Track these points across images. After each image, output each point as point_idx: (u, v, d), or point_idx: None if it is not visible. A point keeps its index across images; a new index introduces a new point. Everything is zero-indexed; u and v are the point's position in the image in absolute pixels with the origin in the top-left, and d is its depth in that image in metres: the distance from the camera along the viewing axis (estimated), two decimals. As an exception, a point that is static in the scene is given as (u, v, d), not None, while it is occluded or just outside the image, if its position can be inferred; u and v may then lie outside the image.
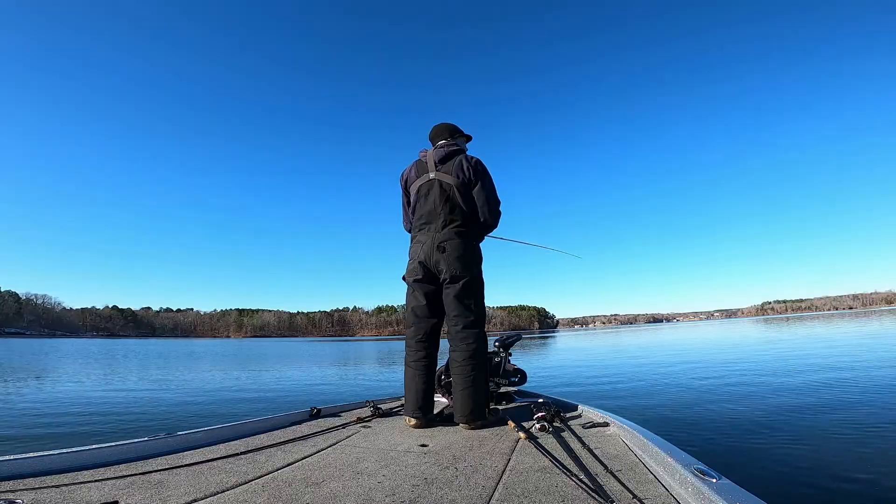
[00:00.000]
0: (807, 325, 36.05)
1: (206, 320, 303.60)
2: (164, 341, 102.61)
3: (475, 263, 2.68)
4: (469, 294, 2.61)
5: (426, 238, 2.69)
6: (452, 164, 2.69)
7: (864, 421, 4.46)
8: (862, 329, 23.67)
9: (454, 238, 2.62)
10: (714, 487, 1.27)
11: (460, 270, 2.58)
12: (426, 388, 2.65)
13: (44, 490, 1.51)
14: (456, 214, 2.65)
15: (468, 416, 2.49)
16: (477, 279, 2.67)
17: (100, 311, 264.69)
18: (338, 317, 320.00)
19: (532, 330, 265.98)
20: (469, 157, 2.73)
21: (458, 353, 2.58)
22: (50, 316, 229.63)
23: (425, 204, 2.73)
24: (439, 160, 2.74)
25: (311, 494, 1.53)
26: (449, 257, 2.59)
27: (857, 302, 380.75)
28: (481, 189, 2.66)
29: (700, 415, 5.26)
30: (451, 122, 2.97)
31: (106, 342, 78.11)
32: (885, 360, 9.34)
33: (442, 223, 2.65)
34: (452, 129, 2.93)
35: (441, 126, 2.95)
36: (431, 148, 2.89)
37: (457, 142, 2.86)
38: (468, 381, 2.51)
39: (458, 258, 2.59)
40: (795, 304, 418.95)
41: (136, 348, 41.93)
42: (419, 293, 2.73)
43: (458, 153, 2.76)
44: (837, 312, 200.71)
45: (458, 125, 2.97)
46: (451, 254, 2.59)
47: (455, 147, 2.79)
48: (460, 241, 2.61)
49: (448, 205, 2.65)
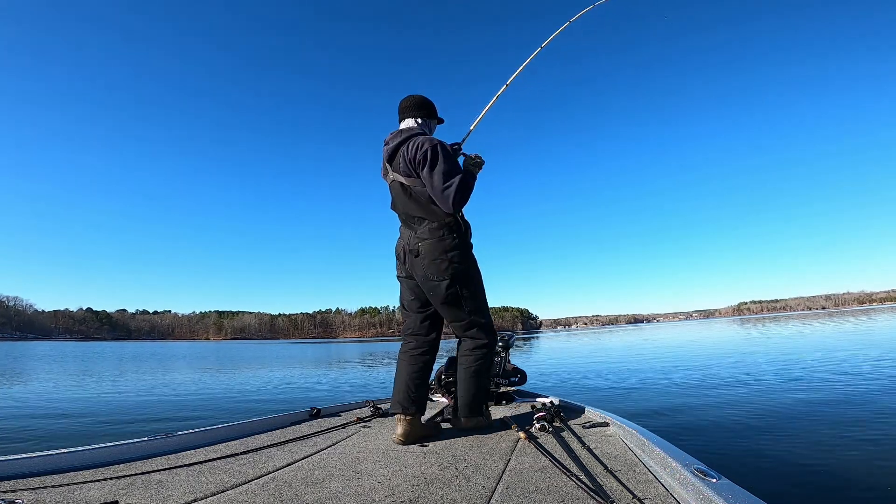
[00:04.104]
0: (786, 325, 36.86)
1: (184, 322, 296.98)
2: (141, 344, 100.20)
3: (455, 260, 2.38)
4: (455, 299, 2.40)
5: (406, 233, 2.52)
6: (400, 161, 2.43)
7: (864, 420, 4.53)
8: (840, 328, 24.33)
9: (427, 238, 2.39)
10: (714, 487, 1.28)
11: (437, 276, 2.36)
12: (412, 378, 2.46)
13: (44, 490, 1.50)
14: (426, 211, 2.41)
15: (464, 409, 2.49)
16: (459, 277, 2.38)
17: (73, 314, 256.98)
18: (320, 318, 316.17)
19: (516, 331, 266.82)
20: (411, 145, 2.39)
21: (460, 354, 2.55)
22: (21, 318, 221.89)
23: (397, 205, 2.57)
24: (388, 159, 2.52)
25: (311, 494, 1.53)
26: (423, 261, 2.39)
27: (829, 302, 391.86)
28: (428, 178, 2.32)
29: (700, 415, 5.31)
30: (418, 97, 2.65)
31: (80, 345, 75.86)
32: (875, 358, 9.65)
33: (416, 222, 2.44)
34: (413, 106, 2.61)
35: (403, 102, 2.64)
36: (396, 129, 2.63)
37: (409, 129, 2.53)
38: (468, 373, 2.48)
39: (434, 262, 2.36)
40: (771, 305, 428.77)
41: (112, 351, 40.84)
42: (406, 288, 2.62)
43: (404, 143, 2.44)
44: (811, 312, 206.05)
45: (427, 100, 2.65)
46: (425, 258, 2.38)
47: (402, 137, 2.46)
48: (433, 243, 2.37)
49: (413, 203, 2.43)
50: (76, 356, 28.75)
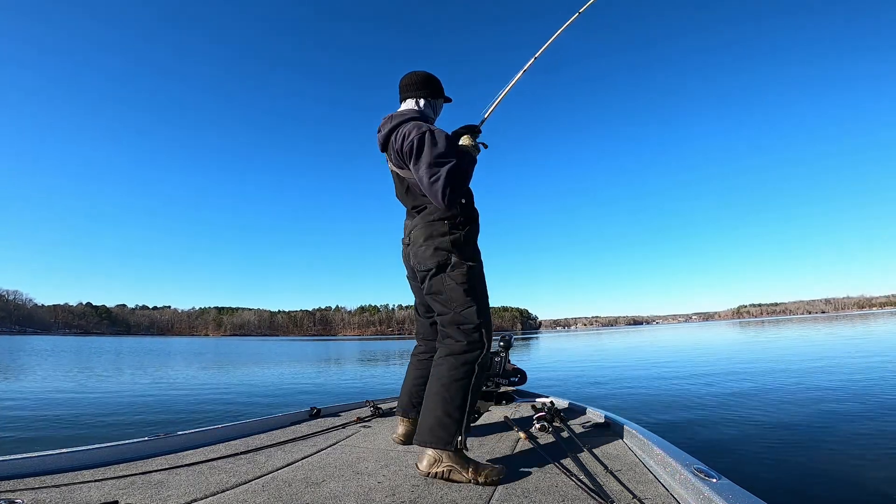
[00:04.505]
0: (785, 328, 37.00)
1: (183, 318, 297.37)
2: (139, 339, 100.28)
3: (443, 247, 2.04)
4: (441, 289, 2.04)
5: (407, 224, 2.30)
6: (391, 151, 2.20)
7: (864, 420, 4.56)
8: (840, 332, 24.37)
9: (419, 224, 2.14)
10: (714, 487, 1.29)
11: (425, 264, 2.08)
12: (416, 383, 2.37)
13: (44, 490, 1.50)
14: (422, 204, 2.17)
15: (426, 435, 1.81)
16: (448, 266, 2.03)
17: (73, 308, 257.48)
18: (320, 316, 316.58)
19: (515, 331, 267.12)
20: (398, 135, 2.12)
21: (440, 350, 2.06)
22: (21, 312, 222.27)
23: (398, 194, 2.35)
24: (382, 148, 2.29)
25: (311, 494, 1.54)
26: (412, 248, 2.16)
27: (829, 306, 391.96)
28: (416, 172, 2.03)
29: (700, 415, 5.33)
30: (420, 73, 2.33)
31: (79, 340, 75.94)
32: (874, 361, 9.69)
33: (416, 210, 2.21)
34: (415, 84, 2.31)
35: (404, 80, 2.34)
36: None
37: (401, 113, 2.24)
38: (435, 386, 1.92)
39: (422, 247, 2.09)
40: (770, 308, 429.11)
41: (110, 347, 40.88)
42: (414, 290, 2.44)
43: (393, 131, 2.17)
44: (811, 316, 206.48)
45: (431, 76, 2.34)
46: (415, 243, 2.13)
47: (391, 124, 2.19)
48: (422, 229, 2.11)
49: (410, 195, 2.22)
50: (74, 351, 28.76)
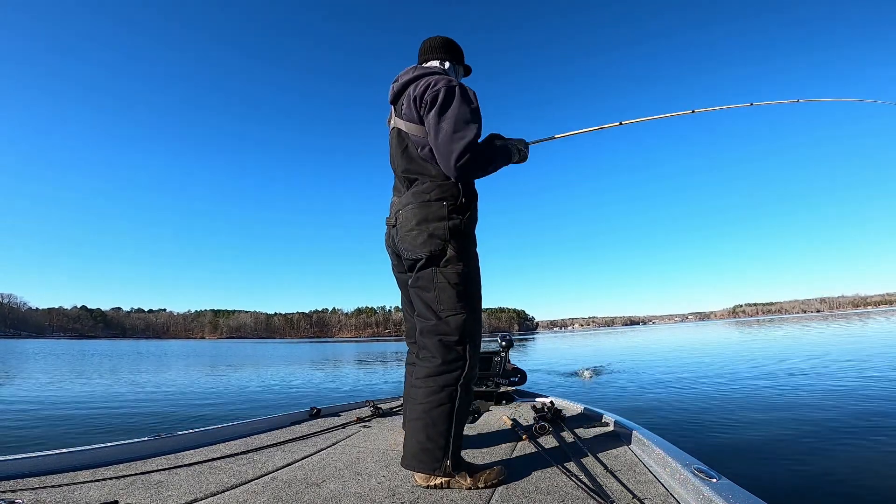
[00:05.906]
0: (782, 328, 37.07)
1: (179, 321, 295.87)
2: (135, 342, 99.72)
3: (438, 234, 1.70)
4: (429, 285, 1.72)
5: (394, 203, 1.95)
6: (403, 101, 1.85)
7: (864, 420, 4.57)
8: (835, 331, 24.50)
9: (409, 203, 1.78)
10: (714, 487, 1.29)
11: (415, 251, 1.73)
12: None
13: (44, 490, 1.49)
14: (417, 171, 1.81)
15: (411, 461, 1.65)
16: (442, 258, 1.70)
17: (67, 312, 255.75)
18: (316, 318, 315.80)
19: (512, 332, 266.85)
20: (422, 82, 1.78)
21: (416, 370, 1.74)
22: (15, 316, 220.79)
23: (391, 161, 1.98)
24: (392, 99, 1.95)
25: (311, 494, 1.53)
26: (400, 230, 1.80)
27: (824, 305, 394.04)
28: (435, 123, 1.68)
29: (700, 415, 5.34)
30: (444, 37, 2.04)
31: (74, 343, 75.44)
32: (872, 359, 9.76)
33: (405, 185, 1.86)
34: (439, 47, 2.01)
35: (427, 43, 2.03)
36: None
37: (428, 67, 1.93)
38: (415, 411, 1.67)
39: (414, 232, 1.74)
40: (766, 307, 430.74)
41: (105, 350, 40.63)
42: (400, 283, 2.07)
43: (415, 81, 1.84)
44: (806, 315, 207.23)
45: (454, 42, 2.04)
46: (404, 225, 1.78)
47: (414, 73, 1.87)
48: (414, 209, 1.75)
49: (406, 157, 1.84)
50: (69, 354, 28.56)
